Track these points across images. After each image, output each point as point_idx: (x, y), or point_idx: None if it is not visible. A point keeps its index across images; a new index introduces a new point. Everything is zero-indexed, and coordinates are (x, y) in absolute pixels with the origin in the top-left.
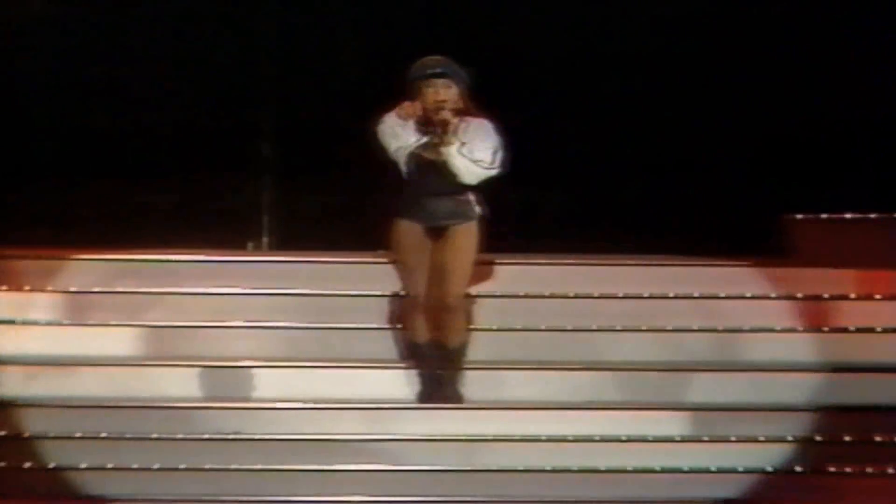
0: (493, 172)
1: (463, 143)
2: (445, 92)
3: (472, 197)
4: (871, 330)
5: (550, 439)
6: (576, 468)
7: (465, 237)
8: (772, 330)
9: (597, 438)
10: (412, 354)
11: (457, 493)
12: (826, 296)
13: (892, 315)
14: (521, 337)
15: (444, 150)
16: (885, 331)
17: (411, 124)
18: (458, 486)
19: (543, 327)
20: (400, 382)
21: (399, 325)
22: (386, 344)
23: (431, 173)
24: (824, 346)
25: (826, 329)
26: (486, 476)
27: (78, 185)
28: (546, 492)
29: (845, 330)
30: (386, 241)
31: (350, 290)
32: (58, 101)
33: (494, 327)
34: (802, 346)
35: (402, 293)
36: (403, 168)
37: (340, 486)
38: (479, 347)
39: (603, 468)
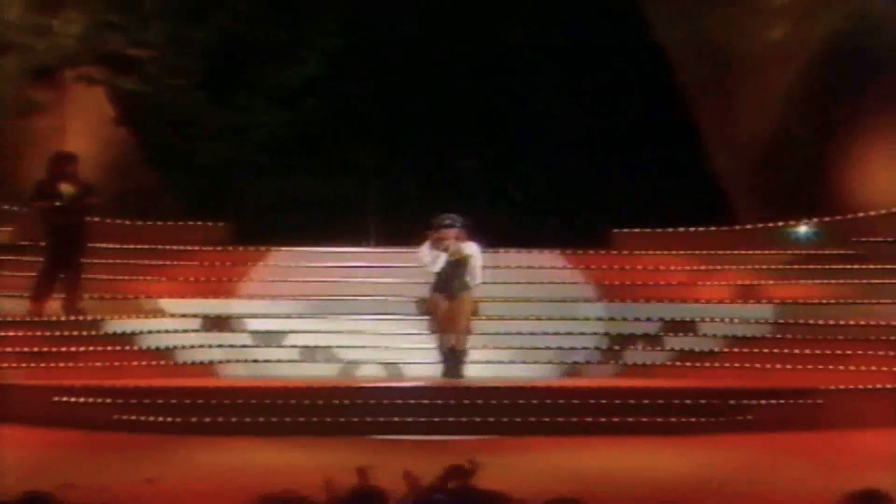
0: (478, 281)
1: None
2: (454, 232)
3: (468, 277)
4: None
5: None
6: None
7: (466, 299)
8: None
9: None
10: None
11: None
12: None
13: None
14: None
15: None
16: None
17: (436, 251)
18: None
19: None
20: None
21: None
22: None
23: (450, 269)
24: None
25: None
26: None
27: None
28: None
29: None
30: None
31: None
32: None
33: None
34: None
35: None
36: (436, 269)
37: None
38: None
39: None
